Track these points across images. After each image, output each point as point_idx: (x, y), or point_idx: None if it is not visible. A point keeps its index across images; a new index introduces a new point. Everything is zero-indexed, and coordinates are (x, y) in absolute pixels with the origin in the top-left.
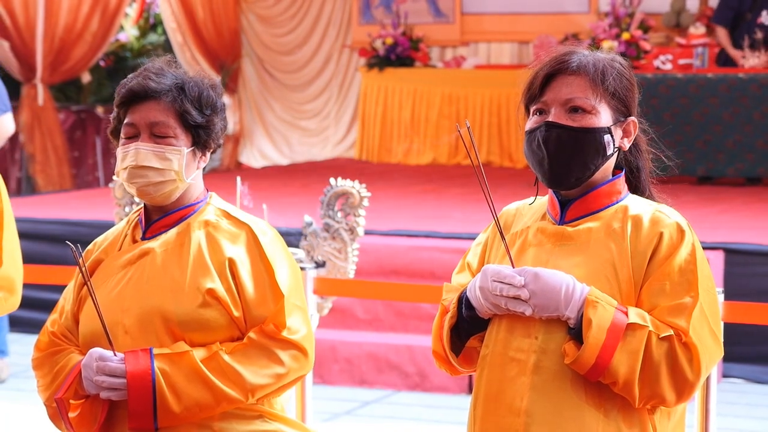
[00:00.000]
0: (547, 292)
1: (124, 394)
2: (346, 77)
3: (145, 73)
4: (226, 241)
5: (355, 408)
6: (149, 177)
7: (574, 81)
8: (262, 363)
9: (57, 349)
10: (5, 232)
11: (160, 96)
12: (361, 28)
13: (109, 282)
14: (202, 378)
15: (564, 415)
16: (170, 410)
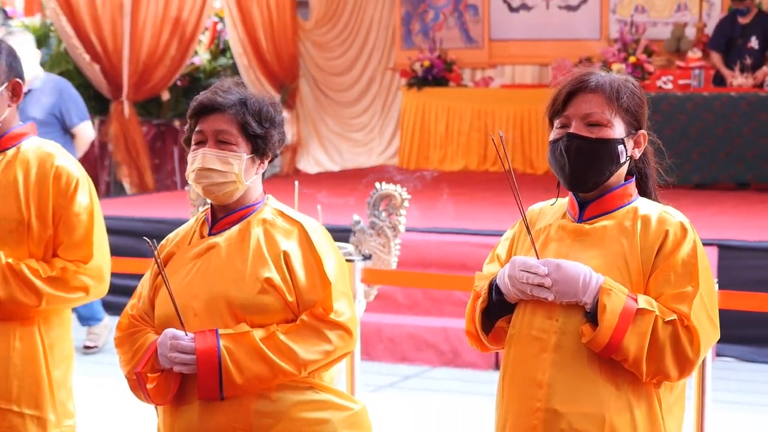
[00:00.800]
0: (568, 280)
1: (194, 368)
2: (388, 95)
3: (214, 89)
4: (281, 236)
5: (397, 381)
6: (213, 178)
7: (593, 98)
8: (312, 341)
9: (135, 330)
10: (95, 229)
11: (226, 109)
12: (403, 52)
13: (180, 272)
14: (261, 354)
15: (580, 388)
16: (234, 382)
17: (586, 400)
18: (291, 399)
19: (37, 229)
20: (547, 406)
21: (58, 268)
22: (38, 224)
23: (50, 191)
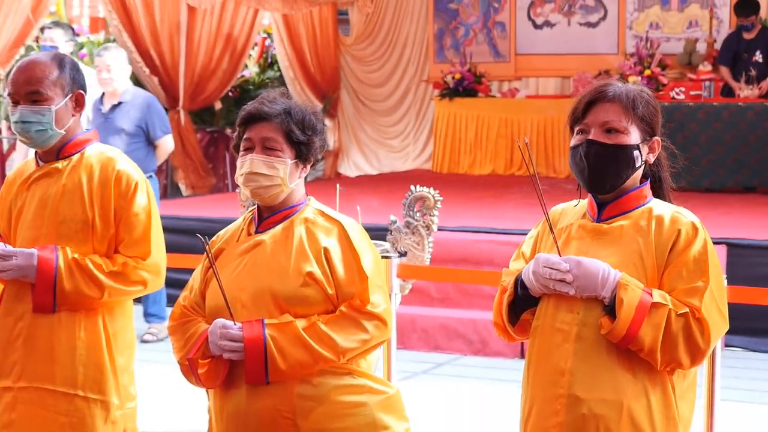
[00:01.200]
0: (587, 276)
1: (242, 355)
2: (422, 105)
3: (261, 100)
4: (322, 234)
5: (430, 368)
6: (260, 182)
7: (611, 107)
8: (351, 331)
9: (187, 320)
10: (153, 228)
11: (272, 118)
12: (435, 65)
13: (229, 266)
14: (303, 343)
15: (600, 375)
16: (278, 368)
17: (605, 386)
18: (331, 383)
19: (101, 228)
20: (569, 393)
21: (119, 264)
22: (101, 224)
23: (112, 193)
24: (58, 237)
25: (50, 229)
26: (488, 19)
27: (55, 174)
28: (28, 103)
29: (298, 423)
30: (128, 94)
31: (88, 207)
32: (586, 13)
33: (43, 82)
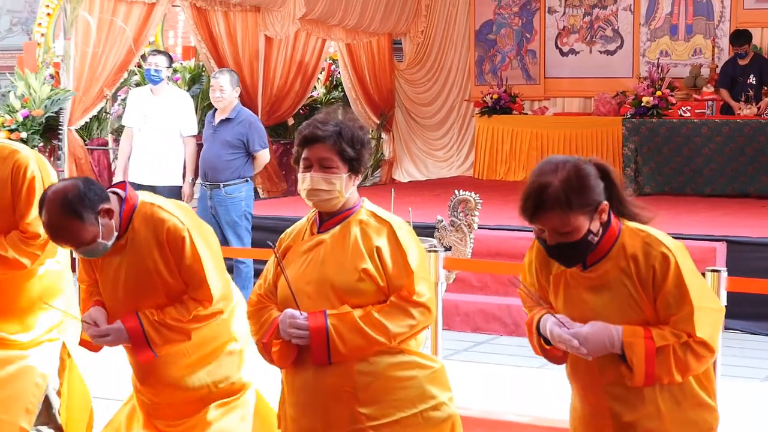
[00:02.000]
0: (597, 346)
1: (308, 341)
2: (465, 121)
3: (314, 123)
4: (374, 234)
5: (470, 347)
6: (321, 196)
7: (552, 216)
8: (400, 318)
9: (262, 306)
10: (206, 267)
11: (325, 140)
12: (476, 87)
13: (296, 262)
14: (359, 330)
15: (627, 393)
16: (339, 351)
17: (637, 403)
18: (385, 361)
19: (172, 278)
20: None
21: (193, 314)
22: (170, 274)
23: (167, 247)
24: (134, 296)
25: (128, 292)
26: (521, 48)
27: (121, 248)
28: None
29: (359, 396)
30: (235, 111)
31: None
32: (606, 42)
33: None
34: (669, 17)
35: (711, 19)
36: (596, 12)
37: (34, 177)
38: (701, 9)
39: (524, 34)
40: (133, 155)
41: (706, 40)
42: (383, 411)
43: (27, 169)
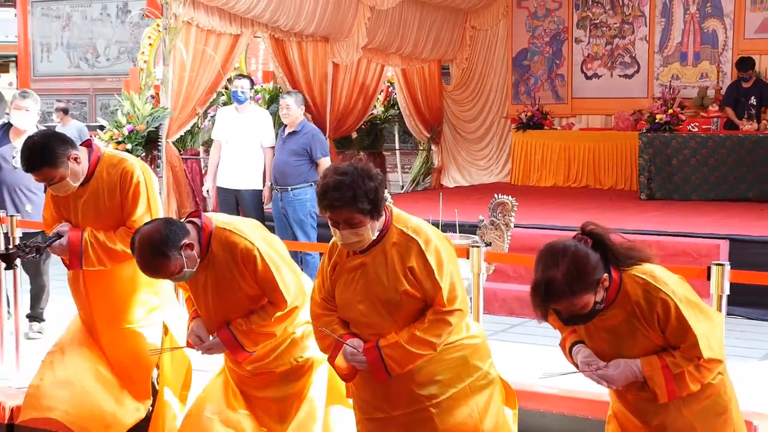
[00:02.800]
0: (622, 381)
1: (368, 368)
2: (503, 135)
3: (329, 193)
4: (405, 254)
5: (507, 328)
6: (353, 245)
7: (564, 303)
8: (438, 329)
9: (324, 314)
10: (276, 275)
11: (343, 207)
12: (513, 106)
13: (343, 278)
14: (408, 352)
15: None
16: (394, 369)
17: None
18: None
19: (251, 290)
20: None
21: (273, 317)
22: (249, 286)
23: (242, 264)
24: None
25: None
26: (552, 72)
27: (205, 268)
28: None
29: (415, 378)
30: (300, 125)
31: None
32: (624, 67)
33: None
34: (679, 46)
35: (716, 48)
36: (616, 41)
37: (139, 181)
38: (707, 38)
39: (554, 60)
40: (221, 164)
41: (712, 66)
42: (438, 390)
43: (133, 174)
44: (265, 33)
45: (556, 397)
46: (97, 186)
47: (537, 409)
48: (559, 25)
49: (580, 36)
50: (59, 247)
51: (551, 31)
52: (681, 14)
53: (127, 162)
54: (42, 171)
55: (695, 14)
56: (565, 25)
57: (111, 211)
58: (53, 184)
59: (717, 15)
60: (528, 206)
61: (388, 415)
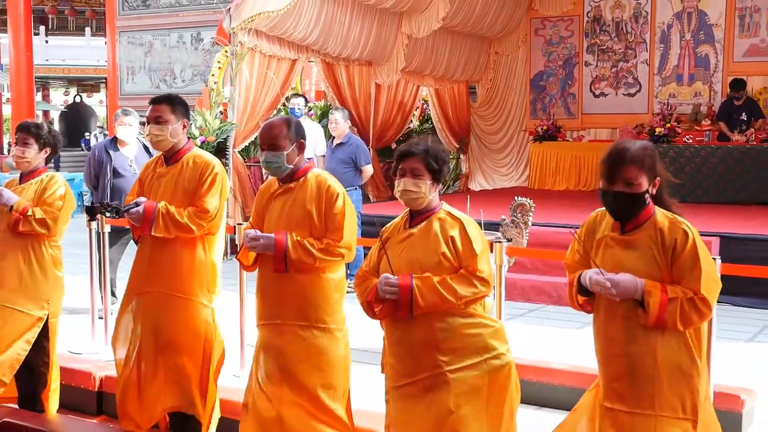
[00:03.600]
0: (625, 290)
1: (397, 295)
2: (522, 146)
3: (409, 143)
4: (449, 227)
5: (525, 313)
6: (410, 195)
7: (628, 168)
8: (466, 285)
9: (366, 278)
10: (346, 222)
11: (416, 155)
12: (531, 121)
13: (395, 248)
14: (436, 290)
15: (639, 336)
16: (419, 304)
17: (644, 343)
18: (459, 321)
19: (317, 221)
20: (624, 352)
21: (325, 243)
22: (317, 219)
23: (323, 200)
24: (289, 227)
25: (286, 224)
26: (564, 91)
27: (289, 191)
28: (270, 150)
29: (439, 347)
30: (347, 137)
31: (309, 208)
32: (628, 87)
33: (278, 137)
34: (676, 68)
35: (708, 70)
36: (620, 65)
37: (217, 173)
38: (701, 62)
39: (567, 81)
40: None
41: (704, 86)
42: (457, 359)
43: (214, 168)
44: (317, 58)
45: (567, 372)
46: (181, 168)
47: (551, 383)
48: (571, 51)
49: (589, 60)
50: (135, 214)
51: (564, 56)
52: (677, 41)
53: (212, 158)
54: (163, 104)
55: (690, 41)
56: (576, 50)
57: (186, 192)
58: (158, 123)
59: (709, 41)
60: (544, 207)
61: (411, 380)
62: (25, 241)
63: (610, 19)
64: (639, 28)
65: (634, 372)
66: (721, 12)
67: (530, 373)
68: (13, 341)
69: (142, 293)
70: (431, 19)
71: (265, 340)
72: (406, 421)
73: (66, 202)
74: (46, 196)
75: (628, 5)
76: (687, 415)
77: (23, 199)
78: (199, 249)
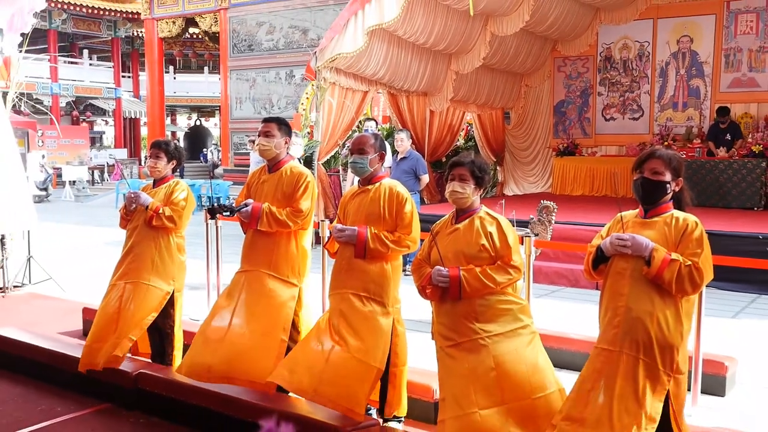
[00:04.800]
0: (638, 245)
1: (448, 284)
2: (546, 160)
3: (460, 155)
4: (488, 225)
5: (549, 293)
6: (457, 196)
7: (657, 161)
8: (502, 273)
9: (420, 266)
10: (413, 219)
11: (464, 164)
12: (554, 140)
13: (443, 240)
14: (479, 279)
15: (641, 295)
16: (466, 290)
17: (645, 303)
18: (494, 299)
19: (390, 219)
20: (626, 305)
21: (396, 236)
22: (389, 217)
23: (394, 202)
24: (364, 221)
25: (364, 219)
26: (581, 116)
27: (366, 192)
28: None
29: (478, 318)
30: (408, 153)
31: (382, 209)
32: (633, 113)
33: (365, 145)
34: (672, 97)
35: (699, 98)
36: (627, 95)
37: (309, 181)
38: (693, 92)
39: (583, 108)
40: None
41: (695, 111)
42: (492, 328)
43: (307, 177)
44: (384, 90)
45: (582, 341)
46: (280, 176)
47: (569, 349)
48: (587, 84)
49: (601, 91)
50: (245, 213)
51: (581, 88)
52: (674, 75)
53: (305, 169)
54: (272, 123)
55: (684, 75)
56: (590, 83)
57: (284, 195)
58: (266, 136)
59: (699, 75)
60: (564, 209)
61: (455, 342)
62: (157, 232)
63: (618, 58)
64: (642, 65)
65: (631, 322)
66: (709, 52)
67: (552, 341)
68: (148, 309)
69: (247, 271)
70: (474, 59)
71: (333, 304)
72: (453, 375)
73: (188, 203)
74: (172, 198)
75: (633, 47)
76: (666, 368)
77: (156, 200)
78: (293, 240)
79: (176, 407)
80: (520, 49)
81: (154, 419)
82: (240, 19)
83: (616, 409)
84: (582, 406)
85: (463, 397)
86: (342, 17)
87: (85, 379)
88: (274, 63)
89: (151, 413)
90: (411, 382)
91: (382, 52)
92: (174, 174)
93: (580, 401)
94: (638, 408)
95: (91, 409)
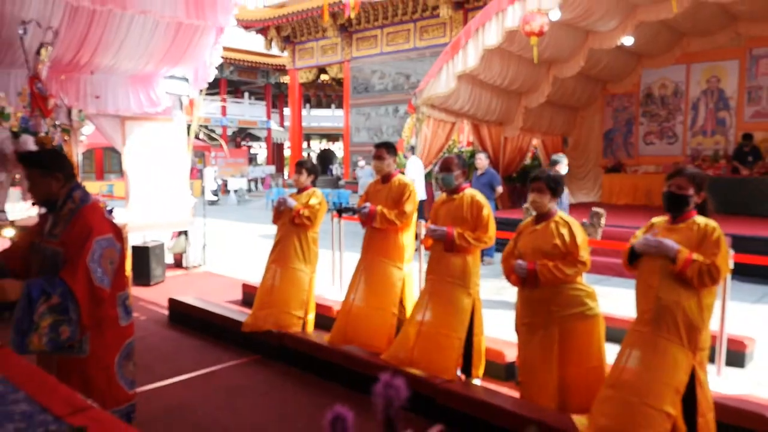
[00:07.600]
0: (665, 247)
1: (526, 275)
2: (597, 176)
3: (538, 172)
4: (561, 227)
5: (600, 281)
6: (536, 204)
7: (682, 178)
8: (571, 267)
9: (508, 257)
10: (490, 222)
11: (541, 179)
12: (603, 159)
13: (526, 239)
14: (551, 271)
15: (669, 288)
16: (541, 281)
17: (672, 294)
18: (566, 287)
19: (471, 221)
20: (656, 295)
21: (476, 235)
22: (471, 220)
23: (475, 209)
24: (452, 223)
25: (451, 221)
26: (626, 141)
27: (452, 200)
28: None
29: (553, 301)
30: (486, 169)
31: (465, 213)
32: (669, 138)
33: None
34: (702, 126)
35: (725, 127)
36: (663, 124)
37: (412, 189)
38: (720, 122)
39: (627, 134)
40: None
41: (722, 137)
42: (564, 310)
43: (409, 185)
44: (468, 120)
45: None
46: (390, 186)
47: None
48: (631, 115)
49: (642, 121)
50: (363, 213)
51: (626, 119)
52: (704, 108)
53: (408, 180)
54: (382, 148)
55: (712, 108)
56: (634, 115)
57: (393, 200)
58: (379, 159)
59: (725, 108)
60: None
61: (532, 320)
62: (298, 228)
63: (657, 95)
64: (677, 101)
65: (660, 310)
66: (734, 89)
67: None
68: (296, 289)
69: (365, 258)
70: (540, 96)
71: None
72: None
73: (321, 207)
74: (309, 202)
75: (670, 86)
76: (690, 347)
77: (298, 204)
78: (399, 235)
79: (310, 361)
80: (576, 88)
81: (293, 369)
82: (359, 68)
83: (647, 378)
84: (618, 374)
85: (536, 364)
86: (436, 65)
87: (243, 336)
88: (384, 101)
89: (290, 365)
90: (487, 348)
91: (468, 92)
92: (312, 185)
93: (617, 370)
94: (667, 378)
95: (247, 359)
